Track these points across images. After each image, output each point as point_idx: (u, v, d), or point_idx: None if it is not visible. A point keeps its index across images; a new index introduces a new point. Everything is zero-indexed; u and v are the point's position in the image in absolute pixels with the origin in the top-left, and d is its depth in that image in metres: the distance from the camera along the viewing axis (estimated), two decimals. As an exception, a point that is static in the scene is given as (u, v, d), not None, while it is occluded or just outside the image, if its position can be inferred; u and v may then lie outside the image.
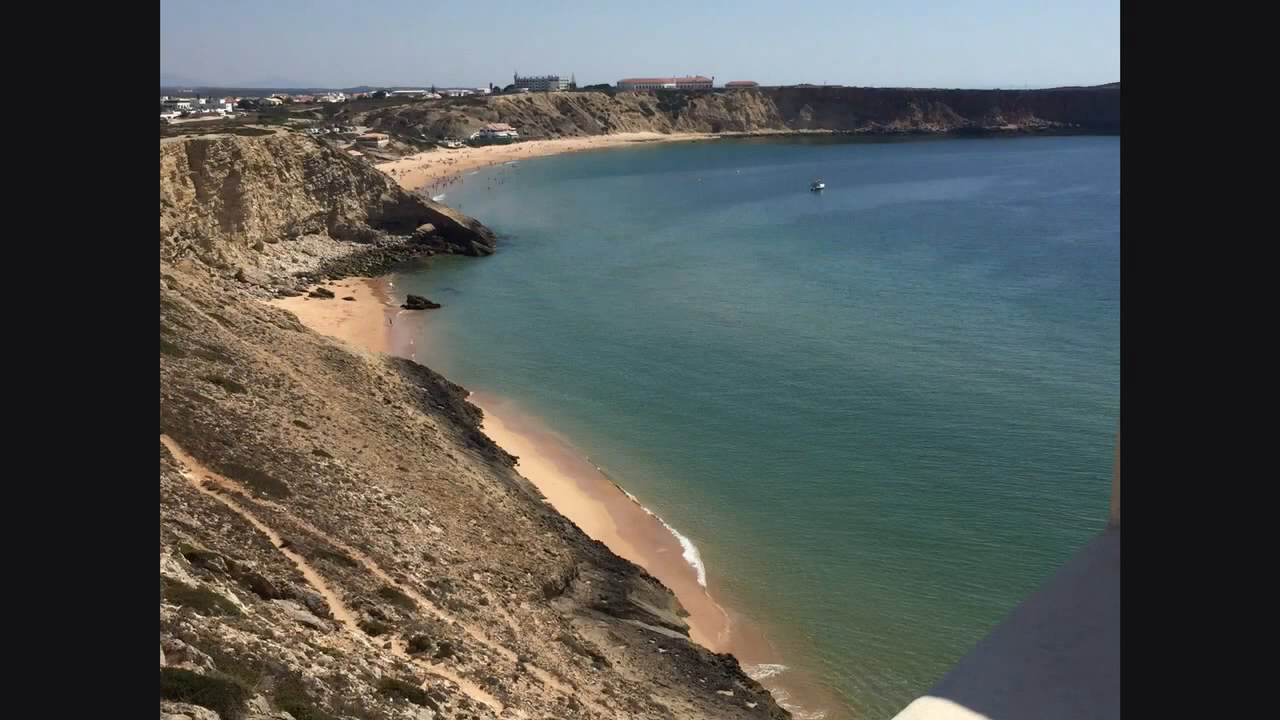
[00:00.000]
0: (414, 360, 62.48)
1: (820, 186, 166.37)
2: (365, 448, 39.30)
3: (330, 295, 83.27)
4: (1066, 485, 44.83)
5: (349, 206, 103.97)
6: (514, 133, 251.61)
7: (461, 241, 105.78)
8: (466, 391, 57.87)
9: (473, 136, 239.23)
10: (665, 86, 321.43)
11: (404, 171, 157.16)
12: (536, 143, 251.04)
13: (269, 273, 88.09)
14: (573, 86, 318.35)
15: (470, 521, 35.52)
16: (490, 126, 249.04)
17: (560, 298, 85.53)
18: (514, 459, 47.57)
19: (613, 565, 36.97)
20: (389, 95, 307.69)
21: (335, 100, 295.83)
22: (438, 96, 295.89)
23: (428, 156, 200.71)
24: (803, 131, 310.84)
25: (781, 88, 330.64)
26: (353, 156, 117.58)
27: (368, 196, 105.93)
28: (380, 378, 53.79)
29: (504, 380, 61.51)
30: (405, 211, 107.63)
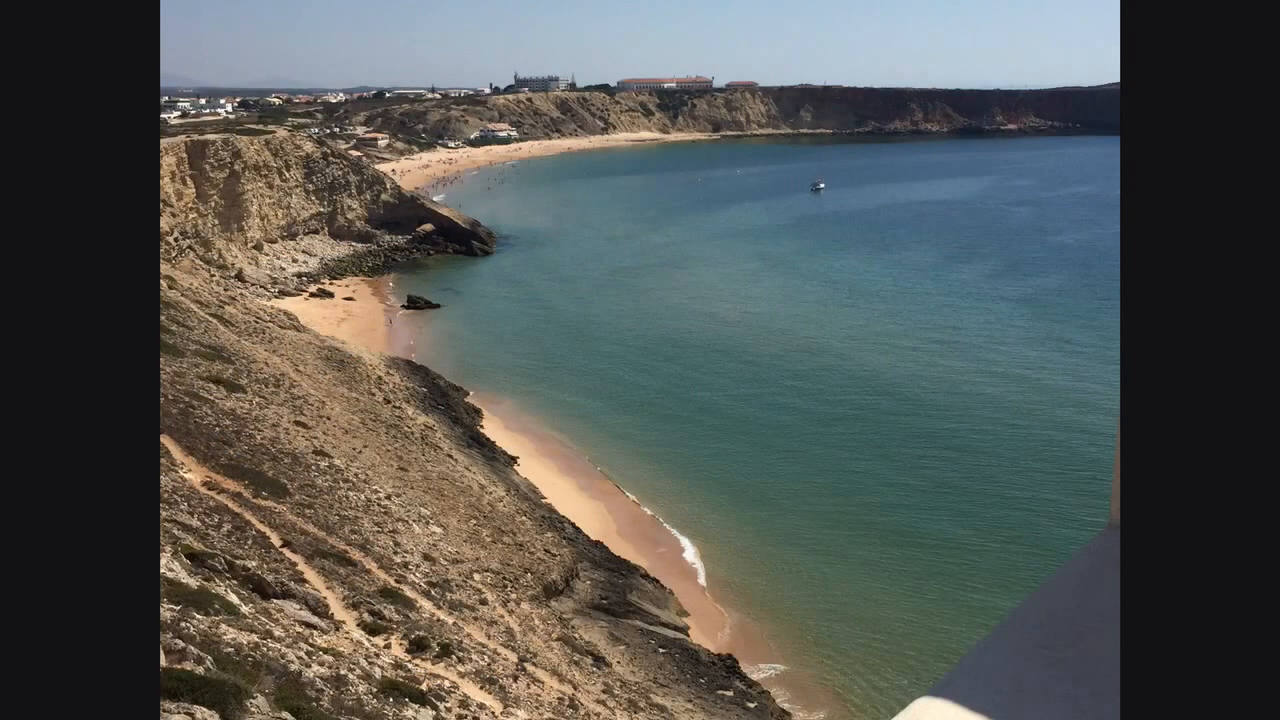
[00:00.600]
0: (414, 360, 62.49)
1: (820, 186, 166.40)
2: (365, 448, 39.30)
3: (330, 295, 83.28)
4: (1066, 485, 44.83)
5: (349, 206, 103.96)
6: (514, 133, 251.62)
7: (461, 241, 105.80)
8: (466, 391, 57.87)
9: (473, 136, 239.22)
10: (665, 86, 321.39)
11: (404, 171, 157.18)
12: (536, 143, 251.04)
13: (269, 273, 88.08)
14: (573, 86, 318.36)
15: (470, 521, 35.52)
16: (490, 126, 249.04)
17: (560, 298, 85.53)
18: (514, 459, 47.58)
19: (613, 565, 36.98)
20: (389, 95, 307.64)
21: (335, 100, 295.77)
22: (438, 96, 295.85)
23: (428, 156, 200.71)
24: (803, 131, 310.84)
25: (781, 88, 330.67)
26: (353, 156, 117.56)
27: (368, 196, 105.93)
28: (380, 378, 53.79)
29: (504, 380, 61.51)
30: (405, 211, 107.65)
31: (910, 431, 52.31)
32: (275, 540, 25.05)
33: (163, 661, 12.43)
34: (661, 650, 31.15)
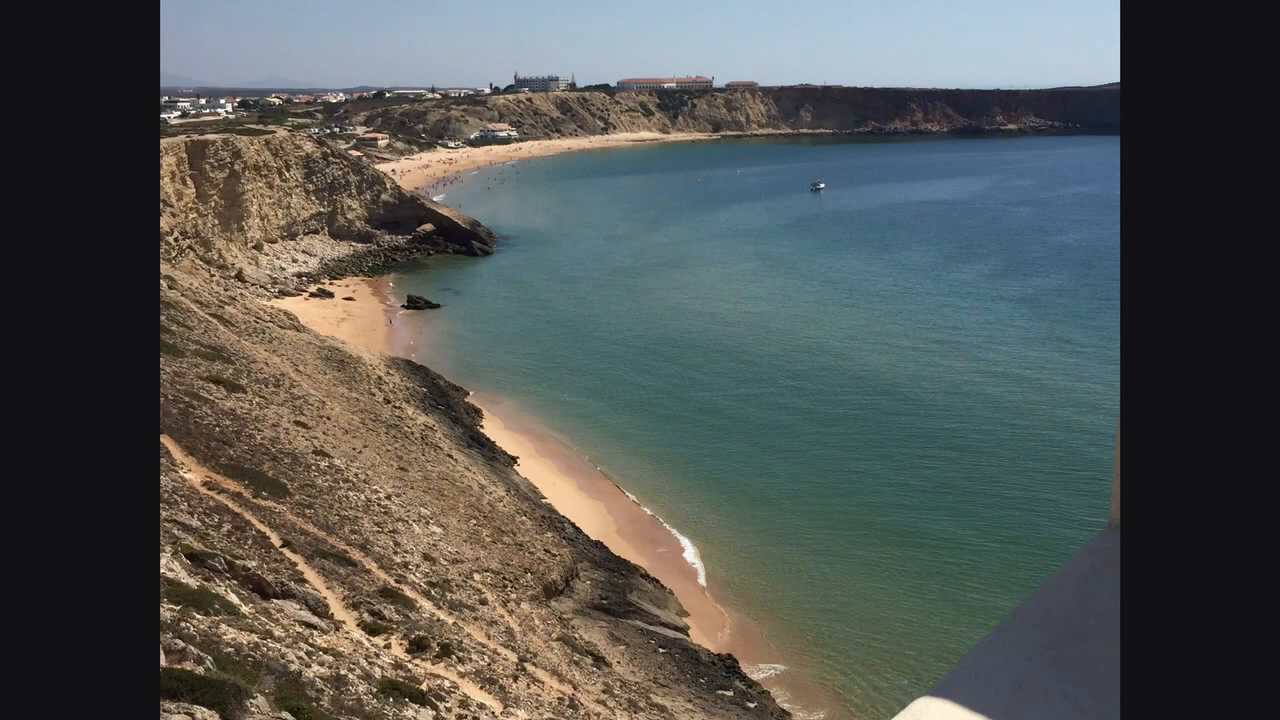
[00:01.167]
0: (414, 360, 62.49)
1: (820, 186, 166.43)
2: (365, 448, 39.30)
3: (330, 295, 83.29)
4: (1066, 485, 44.84)
5: (349, 206, 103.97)
6: (514, 133, 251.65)
7: (461, 241, 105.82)
8: (466, 391, 57.87)
9: (473, 136, 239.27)
10: (665, 86, 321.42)
11: (404, 171, 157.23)
12: (536, 143, 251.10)
13: (269, 273, 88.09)
14: (573, 86, 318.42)
15: (470, 521, 35.52)
16: (490, 126, 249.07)
17: (560, 298, 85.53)
18: (514, 459, 47.58)
19: (613, 565, 36.97)
20: (389, 95, 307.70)
21: (335, 100, 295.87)
22: (438, 96, 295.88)
23: (428, 156, 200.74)
24: (803, 131, 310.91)
25: (781, 88, 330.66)
26: (353, 156, 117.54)
27: (368, 196, 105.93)
28: (380, 378, 53.79)
29: (504, 380, 61.52)
30: (405, 211, 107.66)
31: (910, 431, 52.31)
32: (275, 540, 25.05)
33: (163, 661, 12.43)
34: (661, 650, 31.14)
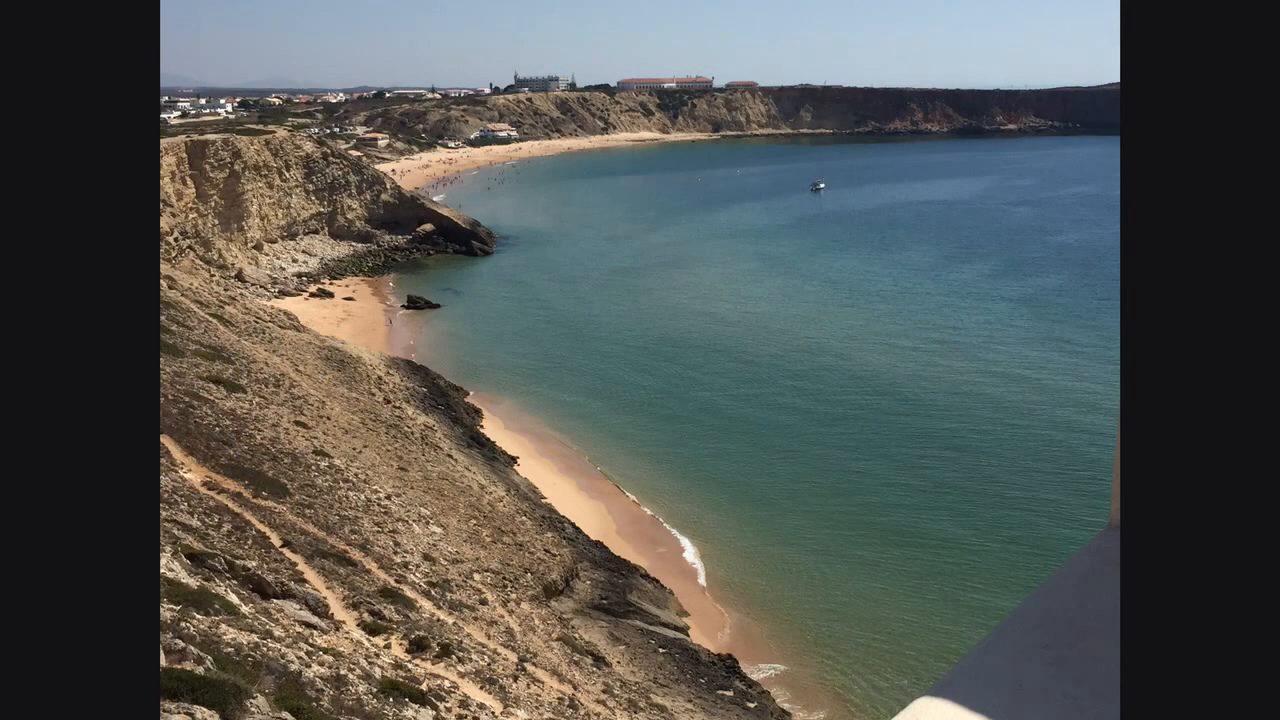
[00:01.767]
0: (414, 360, 62.49)
1: (820, 186, 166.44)
2: (365, 448, 39.30)
3: (330, 295, 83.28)
4: (1066, 485, 44.84)
5: (349, 206, 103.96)
6: (514, 133, 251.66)
7: (461, 241, 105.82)
8: (466, 391, 57.87)
9: (473, 136, 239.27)
10: (665, 86, 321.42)
11: (404, 171, 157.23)
12: (536, 143, 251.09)
13: (269, 273, 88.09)
14: (573, 86, 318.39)
15: (470, 521, 35.52)
16: (490, 126, 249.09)
17: (560, 298, 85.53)
18: (514, 459, 47.58)
19: (613, 565, 36.97)
20: (389, 95, 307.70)
21: (335, 100, 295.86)
22: (438, 96, 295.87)
23: (428, 156, 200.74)
24: (803, 131, 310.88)
25: (781, 88, 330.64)
26: (353, 156, 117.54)
27: (368, 196, 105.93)
28: (380, 378, 53.79)
29: (504, 380, 61.51)
30: (405, 211, 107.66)
31: (910, 431, 52.30)
32: (275, 540, 25.05)
33: (163, 661, 12.43)
34: (661, 650, 31.14)
